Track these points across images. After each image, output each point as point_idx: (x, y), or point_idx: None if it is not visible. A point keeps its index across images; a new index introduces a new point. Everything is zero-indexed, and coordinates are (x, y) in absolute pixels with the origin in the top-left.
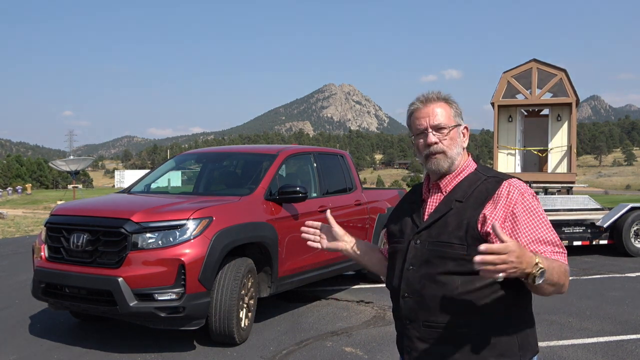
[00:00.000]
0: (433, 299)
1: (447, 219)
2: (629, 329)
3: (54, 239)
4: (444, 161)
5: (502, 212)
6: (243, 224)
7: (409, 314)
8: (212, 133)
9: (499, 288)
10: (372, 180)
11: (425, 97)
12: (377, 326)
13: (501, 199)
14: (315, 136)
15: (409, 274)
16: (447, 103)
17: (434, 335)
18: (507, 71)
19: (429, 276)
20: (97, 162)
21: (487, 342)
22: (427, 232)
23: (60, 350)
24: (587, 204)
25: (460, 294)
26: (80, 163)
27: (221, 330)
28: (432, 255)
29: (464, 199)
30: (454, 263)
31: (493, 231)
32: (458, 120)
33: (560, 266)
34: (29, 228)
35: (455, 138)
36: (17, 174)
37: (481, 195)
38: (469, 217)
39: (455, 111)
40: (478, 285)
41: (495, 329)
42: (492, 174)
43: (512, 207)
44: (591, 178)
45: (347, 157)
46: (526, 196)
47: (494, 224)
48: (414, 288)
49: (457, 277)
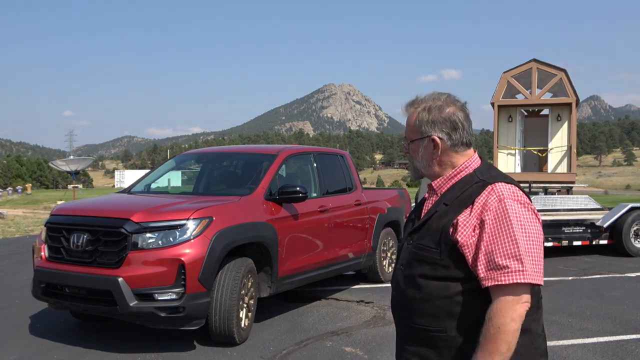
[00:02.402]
0: (413, 300)
1: (432, 222)
2: (629, 329)
3: (54, 239)
4: (412, 170)
5: (474, 220)
6: (243, 224)
7: (396, 311)
8: (212, 133)
9: (476, 296)
10: (372, 180)
11: (406, 106)
12: (377, 326)
13: (478, 205)
14: (315, 136)
15: (398, 273)
16: (416, 113)
17: (414, 336)
18: (507, 71)
19: (410, 278)
20: (97, 162)
21: (463, 348)
22: (418, 234)
23: (60, 350)
24: (587, 204)
25: (436, 298)
26: (80, 163)
27: (221, 330)
28: (412, 258)
29: (450, 202)
30: (429, 267)
31: None
32: (422, 132)
33: (495, 348)
34: (29, 228)
35: (416, 151)
36: (17, 174)
37: (465, 199)
38: (446, 222)
39: (420, 122)
40: (452, 292)
41: (471, 336)
42: (484, 177)
43: (483, 214)
44: (591, 178)
45: (347, 157)
46: (504, 202)
47: None
48: (400, 287)
49: (432, 281)
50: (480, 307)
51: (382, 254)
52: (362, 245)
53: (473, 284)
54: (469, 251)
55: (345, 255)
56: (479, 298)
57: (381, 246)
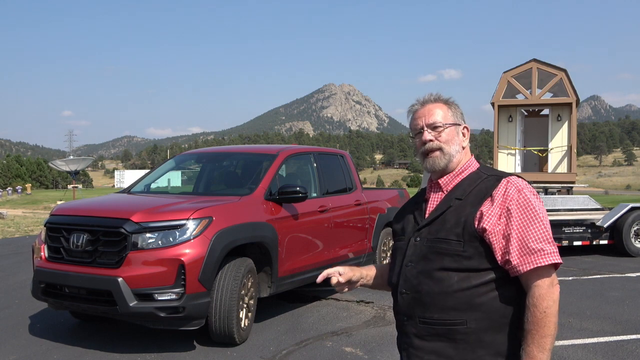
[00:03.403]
0: (429, 295)
1: (446, 216)
2: (629, 329)
3: (54, 239)
4: (440, 159)
5: (498, 209)
6: (243, 224)
7: (406, 310)
8: (212, 133)
9: (496, 286)
10: (372, 180)
11: (424, 99)
12: (377, 326)
13: (499, 196)
14: (315, 136)
15: (407, 270)
16: (445, 104)
17: (430, 332)
18: (507, 71)
19: (426, 272)
20: (97, 162)
21: (483, 340)
22: (427, 229)
23: (60, 350)
24: (587, 204)
25: (456, 290)
26: (80, 163)
27: (221, 330)
28: (429, 252)
29: (463, 196)
30: (450, 259)
31: None
32: (456, 119)
33: (546, 331)
34: (29, 228)
35: (452, 136)
36: (17, 174)
37: (480, 193)
38: (467, 214)
39: (453, 112)
40: (474, 283)
41: (491, 327)
42: (493, 173)
43: (507, 203)
44: (591, 178)
45: (347, 157)
46: (523, 192)
47: None
48: (411, 284)
49: (454, 273)
50: (500, 296)
51: (382, 254)
52: (362, 245)
53: (494, 274)
54: (496, 239)
55: (345, 255)
56: (499, 288)
57: (381, 246)
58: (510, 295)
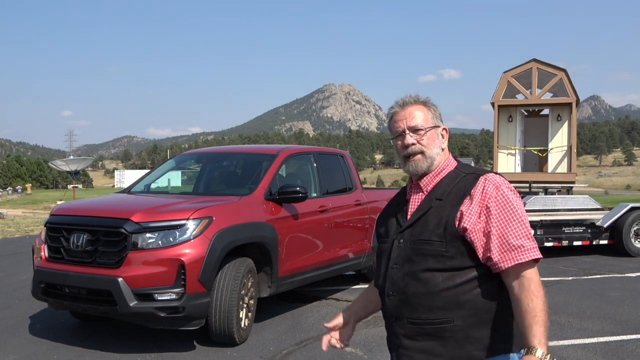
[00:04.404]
0: (416, 296)
1: (428, 217)
2: (629, 329)
3: (54, 239)
4: (422, 162)
5: (477, 208)
6: (243, 224)
7: (394, 312)
8: (212, 133)
9: (480, 283)
10: (372, 180)
11: (403, 101)
12: (377, 326)
13: (477, 194)
14: (315, 136)
15: (392, 272)
16: (425, 106)
17: (418, 332)
18: (507, 71)
19: (412, 274)
20: (97, 162)
21: (470, 335)
22: (410, 231)
23: (60, 350)
24: (587, 204)
25: (442, 290)
26: (80, 163)
27: (221, 330)
28: (413, 253)
29: (443, 196)
30: (434, 260)
31: None
32: (436, 122)
33: (539, 312)
34: (29, 228)
35: (433, 139)
36: (17, 174)
37: (459, 192)
38: (448, 214)
39: (433, 113)
40: (459, 281)
41: (478, 322)
42: (470, 171)
43: (486, 201)
44: (591, 178)
45: (347, 157)
46: (501, 189)
47: None
48: (397, 286)
49: (438, 273)
50: (484, 292)
51: None
52: (362, 245)
53: (477, 271)
54: (477, 237)
55: (345, 255)
56: (482, 285)
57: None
58: (494, 291)
